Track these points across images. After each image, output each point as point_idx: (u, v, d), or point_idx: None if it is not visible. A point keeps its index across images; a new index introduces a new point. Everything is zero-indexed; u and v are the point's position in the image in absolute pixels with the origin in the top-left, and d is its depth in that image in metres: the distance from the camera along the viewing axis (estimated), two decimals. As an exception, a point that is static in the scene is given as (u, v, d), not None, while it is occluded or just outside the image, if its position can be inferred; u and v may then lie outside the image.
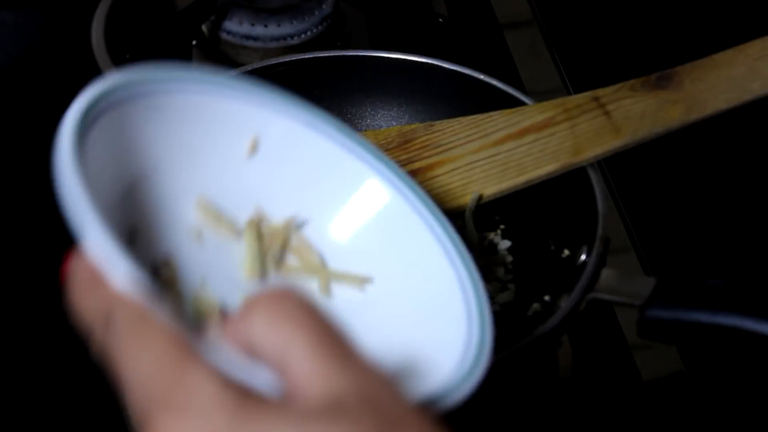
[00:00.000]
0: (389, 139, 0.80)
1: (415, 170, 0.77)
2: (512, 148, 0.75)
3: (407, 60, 0.84)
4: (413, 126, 0.80)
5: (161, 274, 0.47)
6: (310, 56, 0.85)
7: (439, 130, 0.79)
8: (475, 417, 0.75)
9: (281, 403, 0.38)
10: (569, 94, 1.02)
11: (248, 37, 1.03)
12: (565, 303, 0.66)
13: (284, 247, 0.53)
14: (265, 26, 1.03)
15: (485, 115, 0.77)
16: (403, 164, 0.78)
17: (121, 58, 1.01)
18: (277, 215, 0.53)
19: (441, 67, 0.83)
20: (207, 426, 0.37)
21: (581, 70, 1.04)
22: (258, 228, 0.52)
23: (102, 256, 0.40)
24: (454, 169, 0.76)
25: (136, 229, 0.48)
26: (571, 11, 1.11)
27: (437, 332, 0.50)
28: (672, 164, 0.93)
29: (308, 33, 1.04)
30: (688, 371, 0.81)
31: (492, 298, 0.75)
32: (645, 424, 0.79)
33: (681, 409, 0.80)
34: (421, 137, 0.79)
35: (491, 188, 0.74)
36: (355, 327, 0.41)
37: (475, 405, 0.74)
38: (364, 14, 1.03)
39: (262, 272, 0.50)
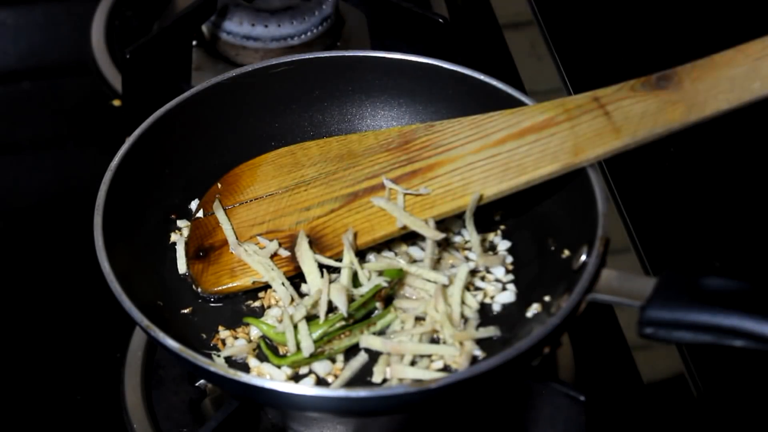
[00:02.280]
0: (389, 140, 0.80)
1: (415, 170, 0.77)
2: (512, 149, 0.74)
3: (407, 60, 0.83)
4: (413, 126, 0.80)
5: None
6: (310, 56, 0.85)
7: (439, 131, 0.78)
8: (475, 417, 0.75)
9: None
10: (569, 94, 1.02)
11: (248, 37, 1.03)
12: (565, 303, 0.66)
13: None
14: (265, 26, 1.03)
15: (485, 115, 0.77)
16: (403, 164, 0.78)
17: (121, 58, 1.00)
18: None
19: (441, 67, 0.83)
20: None
21: (581, 70, 1.04)
22: None
23: None
24: (454, 170, 0.76)
25: None
26: (571, 11, 1.11)
27: None
28: (672, 164, 0.93)
29: (308, 33, 1.04)
30: (688, 372, 0.81)
31: (492, 298, 0.75)
32: (645, 425, 0.79)
33: (681, 409, 0.80)
34: (421, 137, 0.79)
35: (492, 189, 0.74)
36: None
37: (476, 405, 0.74)
38: (364, 14, 1.03)
39: None
